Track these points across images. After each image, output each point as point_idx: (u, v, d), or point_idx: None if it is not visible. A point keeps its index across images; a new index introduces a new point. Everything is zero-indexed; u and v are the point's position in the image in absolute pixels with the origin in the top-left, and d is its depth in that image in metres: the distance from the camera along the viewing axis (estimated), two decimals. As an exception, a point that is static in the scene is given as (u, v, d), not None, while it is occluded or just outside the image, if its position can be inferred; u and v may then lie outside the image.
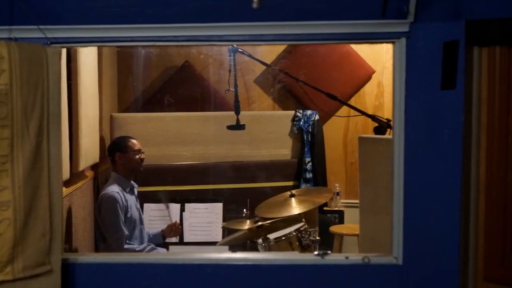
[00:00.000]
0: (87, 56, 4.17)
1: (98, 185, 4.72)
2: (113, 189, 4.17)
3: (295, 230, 3.77)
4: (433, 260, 2.53)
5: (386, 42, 2.64)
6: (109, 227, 4.13)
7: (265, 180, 5.08)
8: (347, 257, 2.62)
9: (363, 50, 5.54)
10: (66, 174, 3.64)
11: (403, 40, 2.52)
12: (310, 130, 5.34)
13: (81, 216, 4.21)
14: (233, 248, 3.43)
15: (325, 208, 5.36)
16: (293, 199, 4.00)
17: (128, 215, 4.19)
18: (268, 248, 3.69)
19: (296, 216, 3.93)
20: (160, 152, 5.11)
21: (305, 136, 5.34)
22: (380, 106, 5.59)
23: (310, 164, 5.33)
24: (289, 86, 5.50)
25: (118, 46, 4.55)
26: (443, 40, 2.45)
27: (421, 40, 2.49)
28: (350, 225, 5.14)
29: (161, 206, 4.69)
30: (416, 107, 2.51)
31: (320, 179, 5.38)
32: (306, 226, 3.82)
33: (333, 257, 2.65)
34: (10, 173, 2.40)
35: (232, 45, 3.91)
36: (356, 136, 5.26)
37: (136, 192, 4.40)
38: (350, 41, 2.70)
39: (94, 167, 4.64)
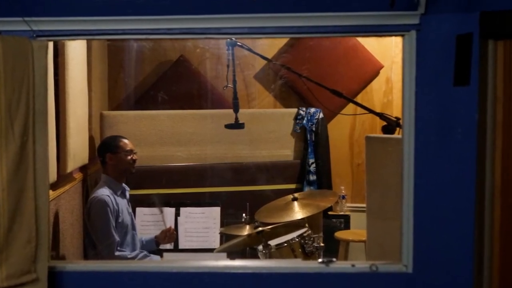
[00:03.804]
0: (76, 50, 4.17)
1: (87, 188, 4.73)
2: (103, 192, 4.17)
3: (297, 236, 3.77)
4: (445, 268, 2.53)
5: (395, 35, 2.65)
6: (99, 233, 4.13)
7: (266, 183, 5.08)
8: (353, 265, 2.62)
9: (371, 44, 5.54)
10: (53, 176, 3.64)
11: (413, 33, 2.52)
12: (313, 129, 5.34)
13: (69, 221, 4.21)
14: (232, 255, 3.43)
15: (329, 213, 5.36)
16: (295, 203, 4.01)
17: (119, 220, 4.19)
18: (269, 255, 3.70)
19: (299, 221, 3.93)
20: (153, 153, 5.11)
21: (308, 136, 5.34)
22: (388, 104, 5.59)
23: (313, 165, 5.33)
24: (292, 82, 5.51)
25: (108, 40, 4.57)
26: (456, 33, 2.46)
27: (432, 33, 2.49)
28: (357, 231, 5.14)
29: (155, 210, 4.68)
30: (427, 105, 2.51)
31: (324, 182, 5.38)
32: (310, 231, 3.82)
33: (339, 265, 2.66)
34: (-7, 175, 2.41)
35: (231, 39, 3.92)
36: (363, 135, 5.25)
37: (127, 196, 4.40)
38: (357, 34, 2.70)
39: (83, 168, 4.65)
